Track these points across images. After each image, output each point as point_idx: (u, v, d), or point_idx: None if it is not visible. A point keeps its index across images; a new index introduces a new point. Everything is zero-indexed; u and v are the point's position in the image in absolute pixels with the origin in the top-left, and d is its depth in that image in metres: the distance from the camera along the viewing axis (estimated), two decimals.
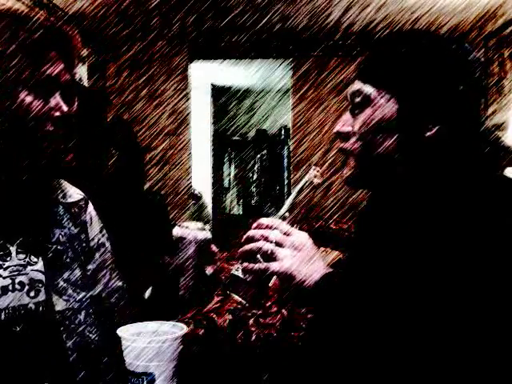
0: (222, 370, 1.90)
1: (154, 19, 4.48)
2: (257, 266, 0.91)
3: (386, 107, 0.91)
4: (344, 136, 0.97)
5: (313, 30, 4.77)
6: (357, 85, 0.95)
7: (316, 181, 0.99)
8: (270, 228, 0.93)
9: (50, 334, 0.89)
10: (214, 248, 1.02)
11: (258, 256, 0.92)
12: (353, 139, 0.95)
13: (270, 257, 0.90)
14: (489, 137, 0.96)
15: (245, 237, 0.95)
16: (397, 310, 0.82)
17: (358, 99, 0.94)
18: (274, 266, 0.90)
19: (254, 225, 0.96)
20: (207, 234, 1.00)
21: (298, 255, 0.90)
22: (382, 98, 0.92)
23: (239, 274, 0.93)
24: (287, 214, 0.97)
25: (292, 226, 0.95)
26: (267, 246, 0.91)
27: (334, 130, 0.98)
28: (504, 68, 4.11)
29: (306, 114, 5.17)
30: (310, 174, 1.00)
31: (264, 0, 4.02)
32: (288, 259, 0.89)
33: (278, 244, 0.91)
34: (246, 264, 0.92)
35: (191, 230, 0.98)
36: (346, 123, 0.97)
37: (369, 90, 0.93)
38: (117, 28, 4.69)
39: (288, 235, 0.92)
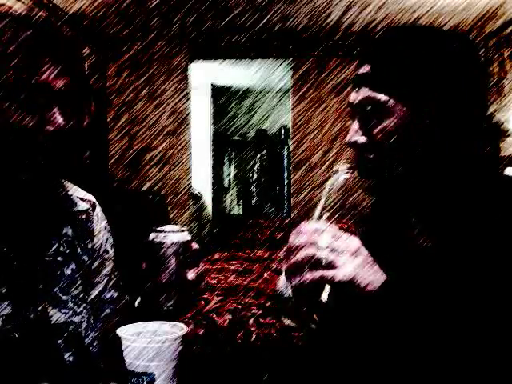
0: (222, 370, 1.90)
1: (154, 19, 4.49)
2: (312, 275, 0.80)
3: (402, 114, 0.89)
4: (361, 147, 0.93)
5: (313, 30, 4.78)
6: (365, 92, 0.91)
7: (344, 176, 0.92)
8: (317, 233, 0.83)
9: (48, 343, 0.88)
10: (195, 246, 0.91)
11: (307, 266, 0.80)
12: (377, 150, 0.91)
13: (327, 265, 0.80)
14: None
15: (286, 248, 0.84)
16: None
17: (369, 107, 0.91)
18: (333, 273, 0.79)
19: (294, 232, 0.84)
20: (185, 236, 0.89)
21: (356, 261, 0.81)
22: (396, 105, 0.89)
23: (287, 292, 0.82)
24: (324, 214, 0.86)
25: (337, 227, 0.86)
26: (322, 253, 0.80)
27: (347, 141, 0.94)
28: (504, 68, 4.11)
29: (306, 113, 5.17)
30: (340, 169, 0.92)
31: (264, 0, 4.03)
32: (348, 265, 0.80)
33: (331, 250, 0.81)
34: (297, 277, 0.80)
35: (167, 234, 0.89)
36: (357, 133, 0.93)
37: (382, 97, 0.90)
38: (117, 28, 4.69)
39: (338, 239, 0.83)
